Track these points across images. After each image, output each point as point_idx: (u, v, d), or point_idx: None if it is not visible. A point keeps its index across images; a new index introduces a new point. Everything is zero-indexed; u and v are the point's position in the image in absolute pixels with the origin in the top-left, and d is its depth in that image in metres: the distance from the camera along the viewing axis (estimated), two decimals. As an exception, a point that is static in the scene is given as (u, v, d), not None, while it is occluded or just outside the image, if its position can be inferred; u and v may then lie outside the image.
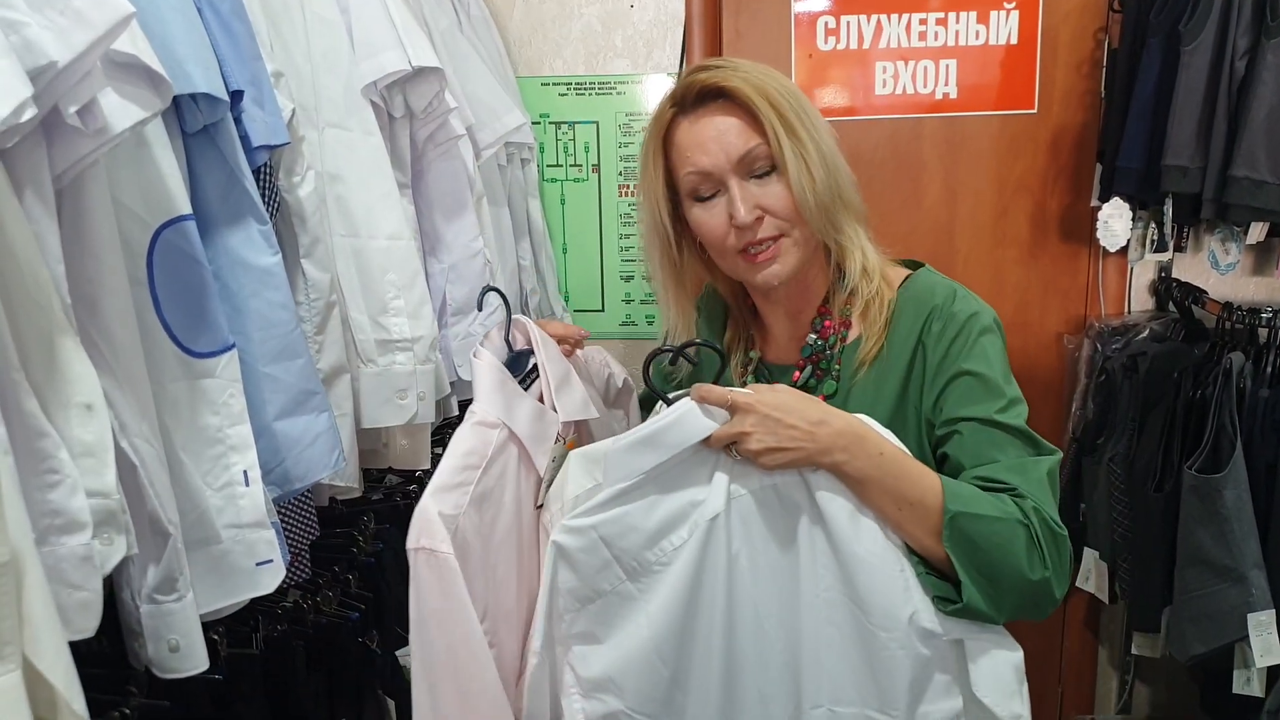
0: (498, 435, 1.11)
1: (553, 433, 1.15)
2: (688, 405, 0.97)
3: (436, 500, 1.03)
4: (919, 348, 1.10)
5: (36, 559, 0.71)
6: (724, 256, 1.15)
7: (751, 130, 1.09)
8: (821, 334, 1.17)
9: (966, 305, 1.10)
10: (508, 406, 1.12)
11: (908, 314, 1.12)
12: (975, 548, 0.94)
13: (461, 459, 1.08)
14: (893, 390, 1.11)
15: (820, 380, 1.16)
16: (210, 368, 1.02)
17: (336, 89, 1.32)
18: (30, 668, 0.70)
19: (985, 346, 1.08)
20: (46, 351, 0.78)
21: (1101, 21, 2.12)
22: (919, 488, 0.96)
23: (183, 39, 0.96)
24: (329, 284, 1.28)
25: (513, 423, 1.11)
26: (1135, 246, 2.10)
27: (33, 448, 0.77)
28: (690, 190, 1.13)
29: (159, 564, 0.95)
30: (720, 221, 1.11)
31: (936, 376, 1.08)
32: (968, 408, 1.05)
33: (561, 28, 2.22)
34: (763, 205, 1.09)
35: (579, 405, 1.19)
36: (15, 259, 0.75)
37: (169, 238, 0.97)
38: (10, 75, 0.69)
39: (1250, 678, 1.85)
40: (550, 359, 1.19)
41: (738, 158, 1.09)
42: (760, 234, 1.10)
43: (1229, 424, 1.81)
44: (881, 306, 1.13)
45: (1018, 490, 0.98)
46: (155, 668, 0.98)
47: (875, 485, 0.96)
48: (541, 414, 1.15)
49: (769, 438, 0.95)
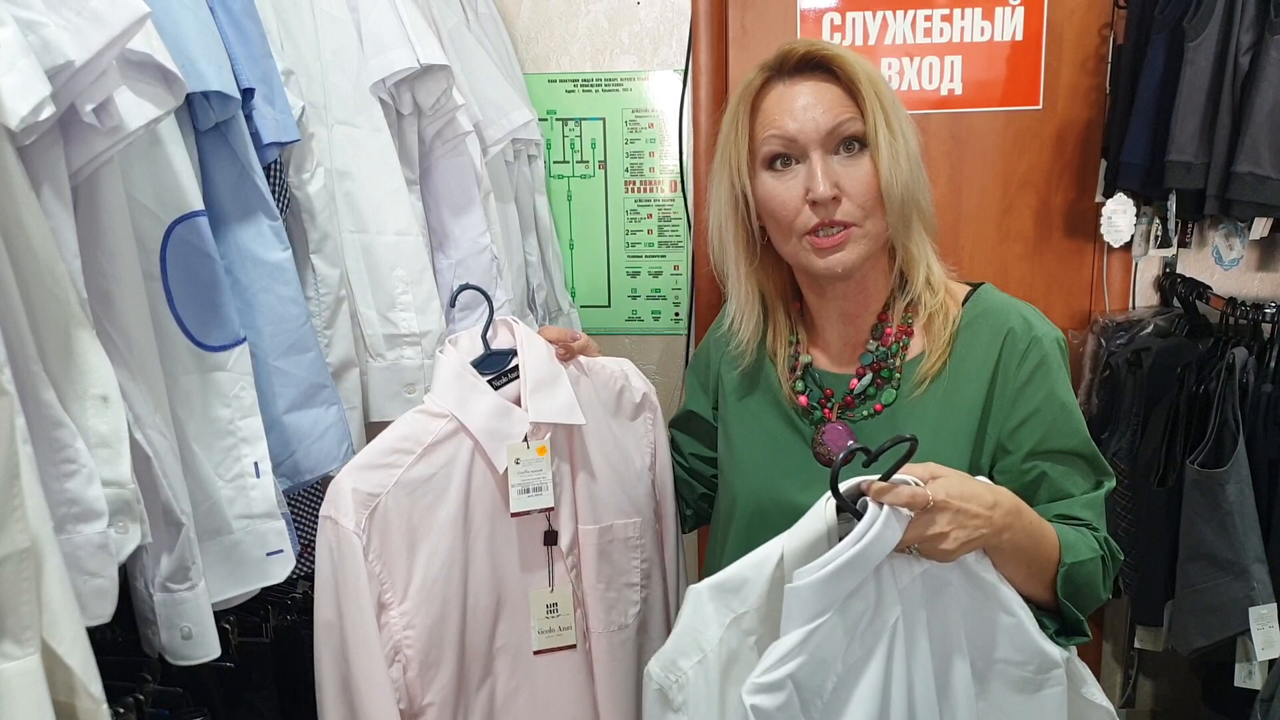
0: (442, 425, 1.12)
1: (519, 431, 1.14)
2: (886, 514, 0.85)
3: (353, 476, 1.07)
4: (998, 369, 1.07)
5: (55, 547, 0.73)
6: (788, 237, 1.08)
7: (847, 104, 1.05)
8: (883, 341, 1.12)
9: (1045, 329, 1.08)
10: (461, 399, 1.13)
11: (978, 332, 1.09)
12: (1078, 590, 1.00)
13: (393, 442, 1.10)
14: (968, 410, 1.08)
15: (880, 389, 1.12)
16: (222, 361, 1.04)
17: (346, 86, 1.34)
18: (49, 651, 0.72)
19: (1061, 374, 1.07)
20: (63, 344, 0.80)
21: (1107, 18, 2.12)
22: (1048, 547, 0.98)
23: (195, 38, 0.98)
24: (338, 279, 1.30)
25: (464, 416, 1.12)
26: (1139, 242, 2.11)
27: (50, 438, 0.79)
28: (767, 157, 1.07)
29: (172, 553, 0.97)
30: (793, 195, 1.05)
31: (1016, 405, 1.06)
32: (1048, 441, 1.05)
33: (568, 24, 2.23)
34: (843, 186, 1.04)
35: (558, 409, 1.17)
36: (33, 254, 0.77)
37: (182, 233, 0.99)
38: (29, 74, 0.71)
39: (1252, 671, 1.85)
40: (534, 360, 1.18)
41: (828, 129, 1.04)
42: (834, 215, 1.04)
43: (1232, 419, 1.82)
44: (946, 321, 1.09)
45: (1092, 524, 1.04)
46: (168, 655, 1.00)
47: (1025, 553, 0.95)
48: (506, 412, 1.15)
49: (962, 533, 0.89)
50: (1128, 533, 2.02)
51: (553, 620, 1.22)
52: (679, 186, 2.28)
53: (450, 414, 1.13)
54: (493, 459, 1.14)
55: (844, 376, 1.15)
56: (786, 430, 1.17)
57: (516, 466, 1.14)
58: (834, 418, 1.14)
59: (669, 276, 2.34)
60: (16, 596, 0.68)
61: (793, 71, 1.07)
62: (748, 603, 0.90)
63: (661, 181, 2.29)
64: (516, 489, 1.15)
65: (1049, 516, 1.02)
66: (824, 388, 1.16)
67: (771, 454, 1.17)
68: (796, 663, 0.85)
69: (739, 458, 1.21)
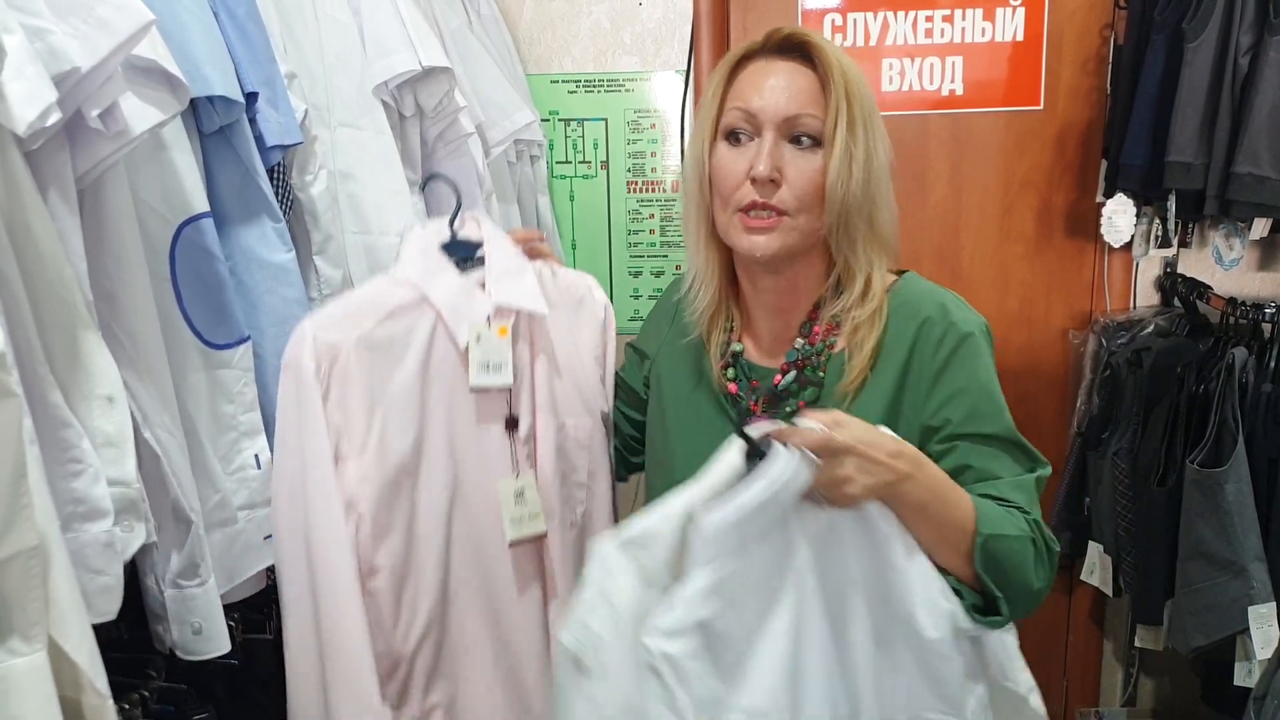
0: (406, 293, 1.12)
1: (481, 312, 1.14)
2: (796, 457, 0.85)
3: (315, 325, 1.06)
4: (911, 358, 1.07)
5: (62, 544, 0.75)
6: (724, 208, 1.08)
7: (815, 98, 1.05)
8: (810, 340, 1.13)
9: (962, 316, 1.08)
10: (427, 273, 1.13)
11: (895, 322, 1.09)
12: (1000, 567, 0.97)
13: (356, 303, 1.10)
14: (883, 400, 1.08)
15: (803, 387, 1.13)
16: (228, 358, 1.06)
17: (348, 89, 1.35)
18: (56, 648, 0.73)
19: (982, 359, 1.07)
20: (70, 346, 0.82)
21: (1107, 18, 2.13)
22: (961, 511, 0.97)
23: (199, 43, 0.99)
24: (341, 280, 1.31)
25: (428, 288, 1.12)
26: (1140, 242, 2.11)
27: (57, 438, 0.80)
28: (727, 126, 1.08)
29: (182, 551, 0.99)
30: (738, 169, 1.05)
31: (935, 389, 1.06)
32: (969, 424, 1.05)
33: (570, 25, 2.24)
34: (786, 173, 1.04)
35: (523, 295, 1.17)
36: (40, 257, 0.78)
37: (189, 235, 1.01)
38: (36, 81, 0.72)
39: (1251, 669, 1.86)
40: (500, 250, 1.19)
41: (788, 115, 1.04)
42: (769, 198, 1.04)
43: (1231, 419, 1.82)
44: (874, 327, 1.09)
45: (1023, 507, 1.01)
46: (179, 650, 1.02)
47: (928, 509, 0.95)
48: (471, 291, 1.15)
49: (867, 478, 0.90)
50: (1128, 532, 2.02)
51: (521, 508, 1.19)
52: (681, 187, 2.29)
53: (415, 285, 1.12)
54: (454, 333, 1.13)
55: (770, 370, 1.15)
56: (717, 415, 1.18)
57: (478, 343, 1.14)
58: (759, 410, 1.14)
59: (671, 277, 2.35)
60: (24, 594, 0.69)
61: (774, 50, 1.08)
62: (657, 557, 0.88)
63: (663, 182, 2.30)
64: (477, 364, 1.14)
65: (974, 495, 1.00)
66: (751, 378, 1.16)
67: (704, 438, 1.14)
68: (708, 609, 0.83)
69: (672, 440, 1.21)
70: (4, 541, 0.68)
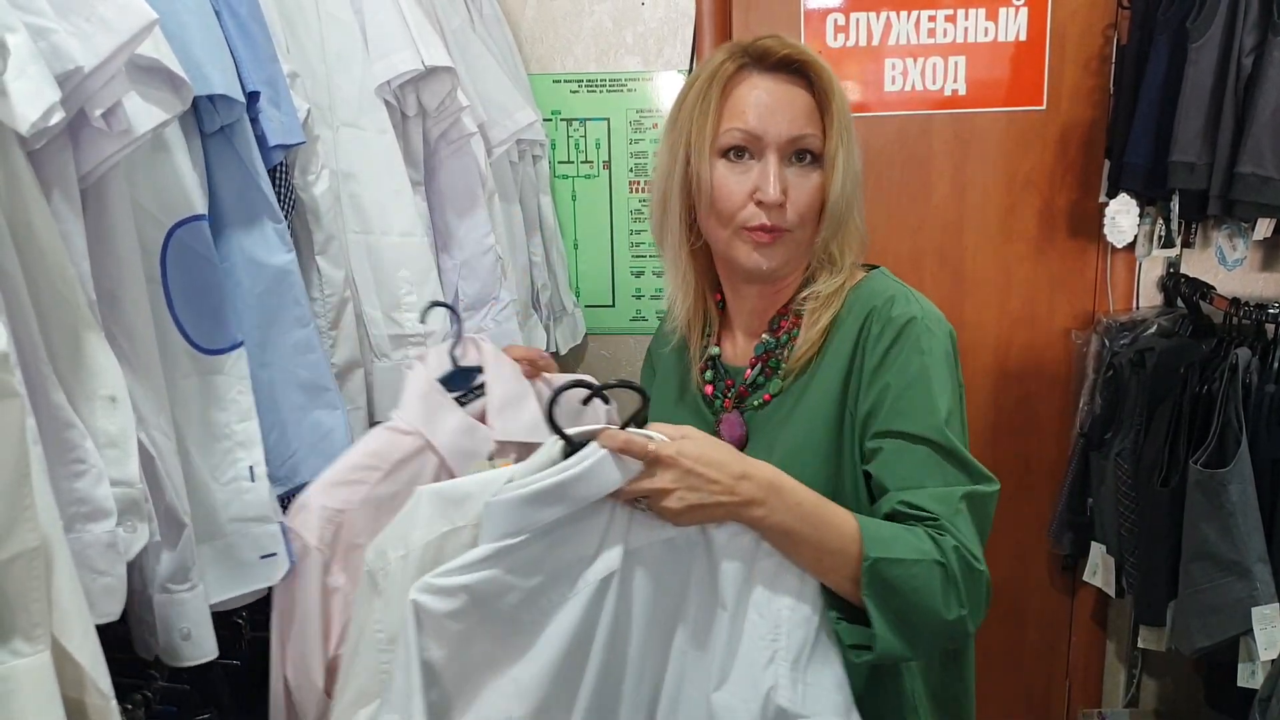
0: (409, 442, 1.12)
1: (484, 450, 1.14)
2: (601, 455, 0.84)
3: (320, 492, 1.08)
4: (856, 351, 1.06)
5: (65, 545, 0.74)
6: (723, 226, 1.08)
7: (813, 117, 1.06)
8: (774, 333, 1.14)
9: (906, 308, 1.04)
10: (428, 416, 1.13)
11: (850, 316, 1.08)
12: (893, 592, 0.90)
13: (362, 459, 1.10)
14: (830, 394, 1.06)
15: (768, 379, 1.13)
16: (219, 364, 1.04)
17: (350, 89, 1.35)
18: (59, 649, 0.73)
19: (922, 354, 1.01)
20: (73, 346, 0.82)
21: (1110, 18, 2.13)
22: (839, 535, 0.91)
23: (201, 42, 0.99)
24: (343, 280, 1.31)
25: (431, 434, 1.12)
26: (1143, 242, 2.11)
27: (60, 438, 0.80)
28: (725, 146, 1.06)
29: (174, 554, 0.98)
30: (742, 190, 1.05)
31: (871, 383, 1.02)
32: (895, 421, 0.99)
33: (573, 25, 2.24)
34: (789, 194, 1.05)
35: (524, 427, 1.16)
36: (43, 257, 0.78)
37: (182, 237, 1.00)
38: (39, 80, 0.72)
39: (1254, 671, 1.85)
40: (500, 378, 1.18)
41: (791, 136, 1.05)
42: (775, 219, 1.05)
43: (1235, 419, 1.82)
44: (828, 307, 1.09)
45: (940, 522, 0.93)
46: (165, 656, 1.00)
47: (795, 536, 0.90)
48: (473, 430, 1.15)
49: (691, 495, 0.86)
50: (1130, 533, 2.02)
51: None
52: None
53: (418, 431, 1.12)
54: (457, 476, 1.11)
55: (742, 369, 1.16)
56: (695, 420, 1.17)
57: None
58: (732, 407, 1.15)
59: (673, 276, 2.35)
60: (27, 594, 0.69)
61: (771, 67, 1.07)
62: (466, 517, 0.88)
63: (665, 182, 2.30)
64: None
65: (892, 504, 0.96)
66: (726, 379, 1.17)
67: None
68: (477, 576, 0.83)
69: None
70: (7, 542, 0.67)
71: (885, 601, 0.89)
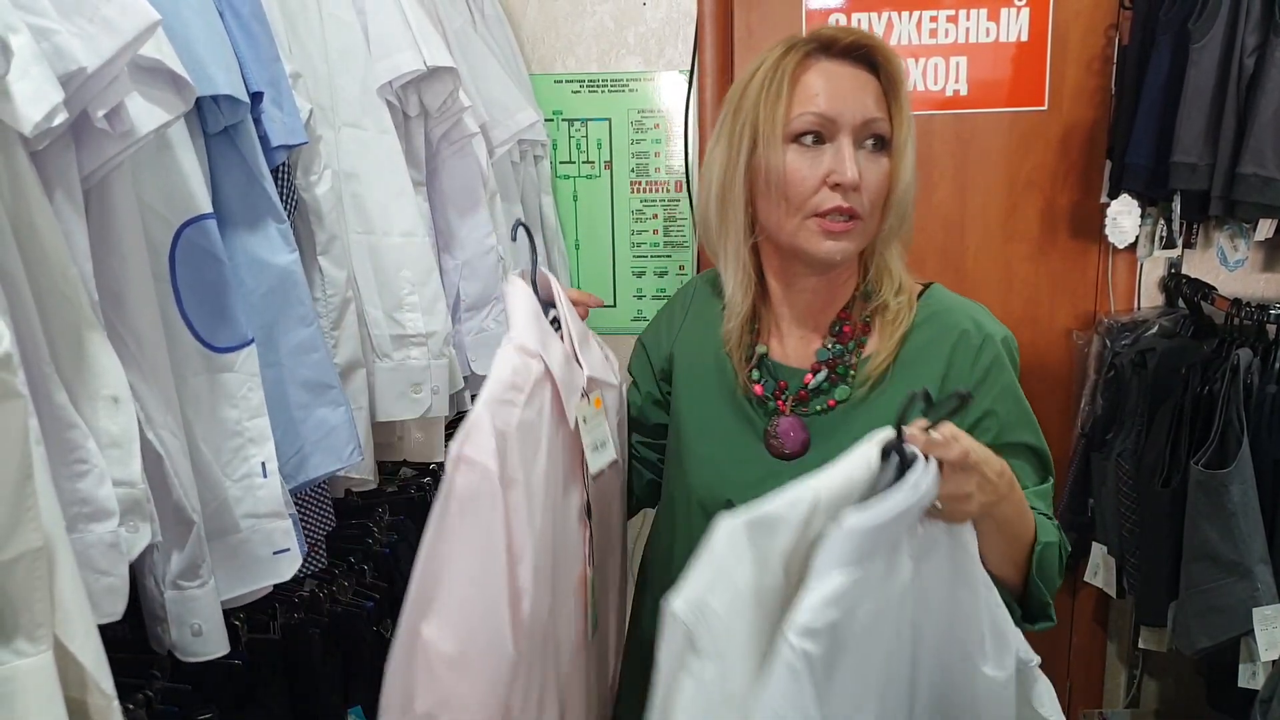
0: (536, 366, 1.02)
1: (579, 385, 1.08)
2: (935, 469, 0.83)
3: (489, 411, 0.93)
4: (950, 369, 1.09)
5: (67, 545, 0.74)
6: (793, 215, 1.07)
7: (880, 102, 1.07)
8: (840, 339, 1.14)
9: (995, 328, 1.11)
10: (543, 341, 1.05)
11: (929, 332, 1.11)
12: (1044, 573, 1.01)
13: (510, 376, 0.99)
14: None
15: (834, 385, 1.13)
16: (230, 362, 1.05)
17: (353, 89, 1.34)
18: (62, 649, 0.73)
19: (1014, 370, 1.10)
20: (75, 346, 0.82)
21: (1112, 18, 2.13)
22: (1028, 524, 0.99)
23: (204, 42, 0.99)
24: (345, 280, 1.31)
25: (549, 359, 1.04)
26: (1144, 243, 2.11)
27: (62, 438, 0.80)
28: (797, 131, 1.06)
29: (183, 551, 0.98)
30: (815, 174, 1.05)
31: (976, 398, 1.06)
32: (1006, 434, 1.08)
33: (574, 25, 2.24)
34: (863, 178, 1.05)
35: (601, 365, 1.15)
36: (46, 257, 0.78)
37: (190, 236, 1.00)
38: (42, 81, 0.72)
39: (1256, 671, 1.86)
40: (572, 315, 1.15)
41: (864, 119, 1.05)
42: (852, 202, 1.05)
43: (1236, 420, 1.82)
44: (898, 323, 1.11)
45: (1046, 514, 1.06)
46: (178, 652, 1.01)
47: (1011, 526, 0.96)
48: (571, 362, 1.09)
49: (983, 496, 0.88)
50: (1132, 533, 2.02)
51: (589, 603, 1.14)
52: (684, 187, 2.29)
53: (540, 355, 1.02)
54: (566, 411, 1.06)
55: (799, 371, 1.15)
56: (739, 421, 1.17)
57: (585, 424, 1.07)
58: (788, 411, 1.14)
59: (674, 277, 2.35)
60: (30, 595, 0.69)
61: (841, 52, 1.08)
62: (779, 543, 0.83)
63: (667, 182, 2.30)
64: (589, 446, 1.06)
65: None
66: (779, 380, 1.16)
67: (724, 446, 1.17)
68: (839, 611, 0.79)
69: (690, 448, 1.20)
70: (10, 542, 0.67)
71: (1044, 580, 1.01)
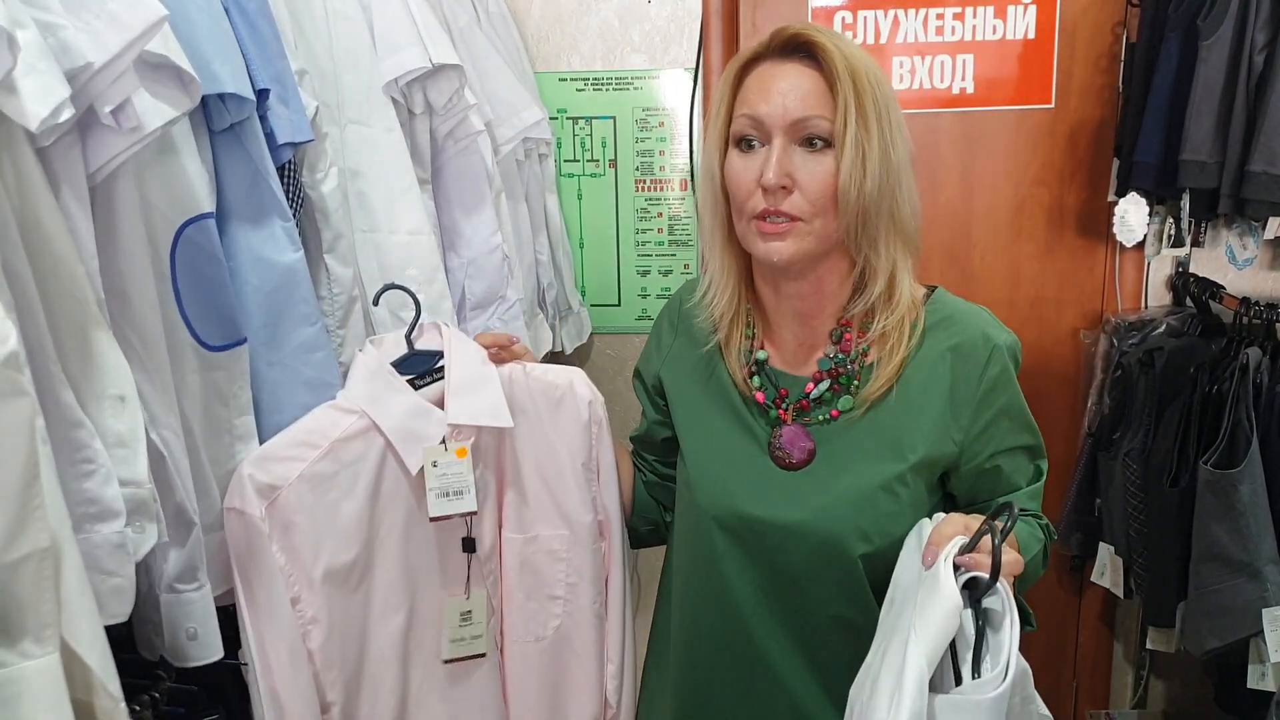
0: (352, 422, 1.11)
1: (435, 434, 1.13)
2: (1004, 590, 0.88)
3: (253, 466, 1.07)
4: (956, 379, 1.09)
5: (74, 545, 0.74)
6: (740, 216, 1.08)
7: (823, 99, 1.02)
8: (842, 348, 1.12)
9: (1000, 336, 1.11)
10: (374, 397, 1.12)
11: (934, 340, 1.10)
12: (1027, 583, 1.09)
13: (300, 435, 1.10)
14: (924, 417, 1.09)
15: (837, 395, 1.11)
16: (223, 360, 1.04)
17: (358, 86, 1.34)
18: (68, 650, 0.72)
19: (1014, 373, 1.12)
20: (81, 344, 0.81)
21: (1120, 16, 2.12)
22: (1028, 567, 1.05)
23: (210, 39, 0.98)
24: (351, 279, 1.30)
25: (376, 414, 1.11)
26: (1152, 241, 2.10)
27: (69, 438, 0.79)
28: (737, 134, 1.06)
29: (182, 553, 0.97)
30: (750, 176, 1.04)
31: (982, 407, 1.09)
32: (1009, 439, 1.12)
33: (579, 23, 2.23)
34: (797, 179, 1.02)
35: (482, 410, 1.15)
36: (52, 255, 0.77)
37: (191, 234, 0.99)
38: (48, 76, 0.71)
39: (1265, 672, 1.84)
40: (462, 362, 1.17)
41: (794, 119, 1.02)
42: (780, 205, 1.03)
43: (1245, 419, 1.80)
44: (902, 336, 1.09)
45: (1038, 514, 1.15)
46: (171, 656, 1.00)
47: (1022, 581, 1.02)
48: (425, 412, 1.14)
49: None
50: (1139, 534, 2.01)
51: (465, 629, 1.20)
52: (689, 185, 2.28)
53: (361, 411, 1.12)
54: (405, 460, 1.12)
55: (800, 379, 1.14)
56: (739, 429, 1.16)
57: (435, 469, 1.13)
58: (789, 419, 1.13)
59: (679, 275, 2.34)
60: (36, 595, 0.68)
61: (779, 52, 1.06)
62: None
63: (672, 180, 2.29)
64: (435, 492, 1.13)
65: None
66: (779, 386, 1.15)
67: (726, 459, 1.16)
68: None
69: (692, 462, 1.19)
70: (16, 543, 0.67)
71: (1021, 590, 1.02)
